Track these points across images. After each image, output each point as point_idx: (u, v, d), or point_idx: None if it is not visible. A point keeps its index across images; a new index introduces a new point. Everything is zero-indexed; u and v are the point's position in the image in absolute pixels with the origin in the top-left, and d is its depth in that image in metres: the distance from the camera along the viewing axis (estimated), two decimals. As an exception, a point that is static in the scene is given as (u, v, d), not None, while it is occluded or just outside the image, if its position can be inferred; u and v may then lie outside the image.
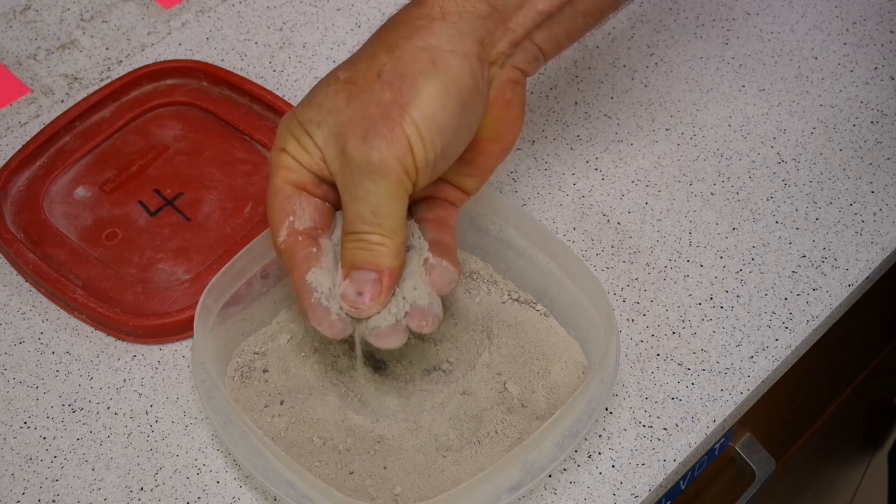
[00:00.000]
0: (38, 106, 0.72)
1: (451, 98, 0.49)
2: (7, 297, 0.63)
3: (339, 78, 0.51)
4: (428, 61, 0.49)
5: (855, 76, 0.73)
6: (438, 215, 0.55)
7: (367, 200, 0.49)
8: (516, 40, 0.51)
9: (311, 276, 0.51)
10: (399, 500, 0.54)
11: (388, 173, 0.48)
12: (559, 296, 0.59)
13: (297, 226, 0.52)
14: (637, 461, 0.57)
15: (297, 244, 0.52)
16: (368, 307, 0.51)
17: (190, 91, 0.70)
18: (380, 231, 0.50)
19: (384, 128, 0.48)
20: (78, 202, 0.65)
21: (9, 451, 0.58)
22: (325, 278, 0.51)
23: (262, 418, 0.56)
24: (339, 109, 0.50)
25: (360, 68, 0.50)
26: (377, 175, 0.49)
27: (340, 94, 0.50)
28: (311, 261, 0.52)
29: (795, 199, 0.67)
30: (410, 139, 0.48)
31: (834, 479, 1.23)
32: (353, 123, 0.49)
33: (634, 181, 0.68)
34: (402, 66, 0.49)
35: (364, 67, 0.50)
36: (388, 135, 0.48)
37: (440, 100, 0.49)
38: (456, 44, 0.49)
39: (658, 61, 0.74)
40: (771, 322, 0.62)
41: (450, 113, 0.49)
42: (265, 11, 0.77)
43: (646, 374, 0.60)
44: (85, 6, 0.77)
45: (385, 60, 0.50)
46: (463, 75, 0.49)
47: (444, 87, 0.49)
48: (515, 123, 0.53)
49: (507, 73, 0.52)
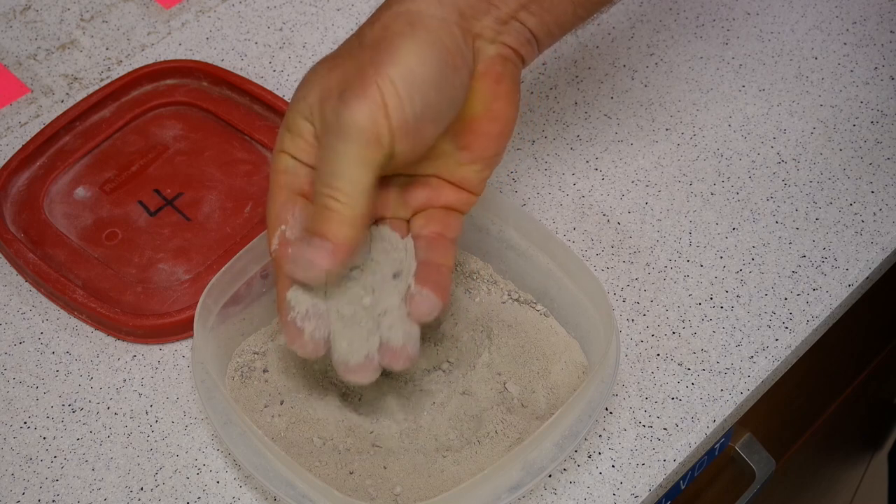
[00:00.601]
0: (38, 106, 0.72)
1: (430, 53, 0.49)
2: (7, 297, 0.63)
3: (327, 58, 0.51)
4: (406, 23, 0.49)
5: (855, 76, 0.73)
6: (434, 230, 0.54)
7: (332, 160, 0.48)
8: (502, 18, 0.51)
9: (291, 293, 0.51)
10: (399, 500, 0.54)
11: (357, 133, 0.48)
12: (559, 296, 0.59)
13: (288, 235, 0.51)
14: (637, 461, 0.57)
15: (286, 256, 0.51)
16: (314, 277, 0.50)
17: (190, 91, 0.70)
18: (337, 195, 0.48)
19: (359, 86, 0.48)
20: (78, 202, 0.65)
21: (9, 451, 0.58)
22: (304, 297, 0.51)
23: (262, 418, 0.56)
24: (323, 78, 0.50)
25: (345, 43, 0.51)
26: (345, 134, 0.48)
27: (325, 66, 0.51)
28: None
29: (795, 199, 0.67)
30: (385, 94, 0.48)
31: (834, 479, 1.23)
32: (333, 88, 0.49)
33: (634, 181, 0.68)
34: (381, 31, 0.49)
35: (348, 40, 0.51)
36: (362, 92, 0.48)
37: (418, 55, 0.48)
38: (435, 9, 0.49)
39: (658, 61, 0.74)
40: (771, 322, 0.62)
41: (428, 67, 0.48)
42: (265, 11, 0.77)
43: (646, 374, 0.60)
44: (85, 6, 0.77)
45: (367, 29, 0.50)
46: (441, 36, 0.49)
47: (422, 43, 0.49)
48: (509, 100, 0.53)
49: (497, 48, 0.52)
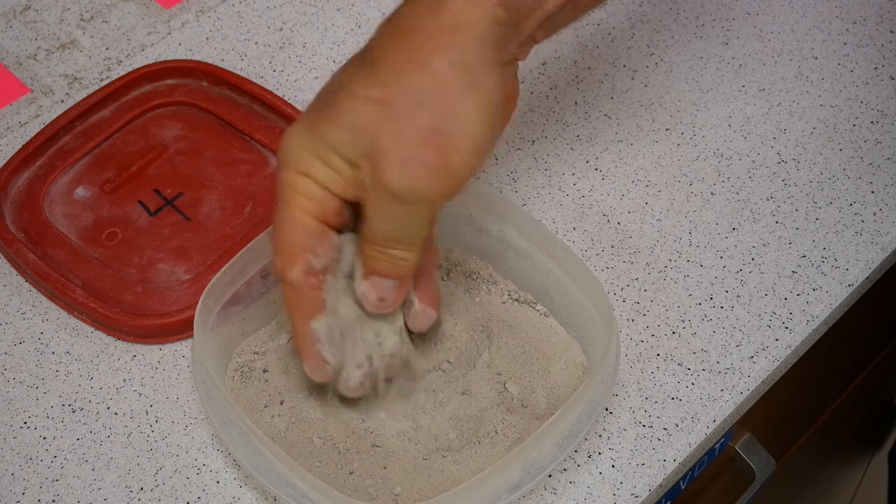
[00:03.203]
0: (38, 106, 0.72)
1: (490, 119, 0.48)
2: (7, 297, 0.63)
3: (368, 96, 0.48)
4: (465, 83, 0.47)
5: (855, 76, 0.73)
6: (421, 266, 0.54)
7: (398, 224, 0.49)
8: (523, 40, 0.50)
9: (316, 324, 0.52)
10: (399, 500, 0.54)
11: (427, 202, 0.48)
12: (559, 296, 0.59)
13: (315, 264, 0.51)
14: (637, 461, 0.57)
15: (309, 286, 0.51)
16: (387, 310, 0.53)
17: (190, 91, 0.70)
18: (405, 247, 0.50)
19: (427, 156, 0.47)
20: (78, 202, 0.65)
21: (9, 451, 0.58)
22: (325, 328, 0.53)
23: (262, 418, 0.56)
24: (373, 130, 0.47)
25: (388, 84, 0.48)
26: (414, 203, 0.48)
27: (371, 112, 0.47)
28: (318, 308, 0.52)
29: (795, 199, 0.67)
30: (455, 168, 0.47)
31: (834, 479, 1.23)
32: (390, 148, 0.47)
33: (634, 181, 0.68)
34: (438, 88, 0.47)
35: (393, 84, 0.48)
36: (431, 164, 0.47)
37: (481, 124, 0.48)
38: (483, 57, 0.48)
39: (658, 61, 0.74)
40: (771, 322, 0.62)
41: (489, 134, 0.48)
42: (265, 11, 0.77)
43: (646, 374, 0.60)
44: (85, 6, 0.77)
45: (417, 79, 0.47)
46: (494, 91, 0.48)
47: (484, 109, 0.48)
48: (508, 116, 0.53)
49: (513, 67, 0.51)
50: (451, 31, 0.48)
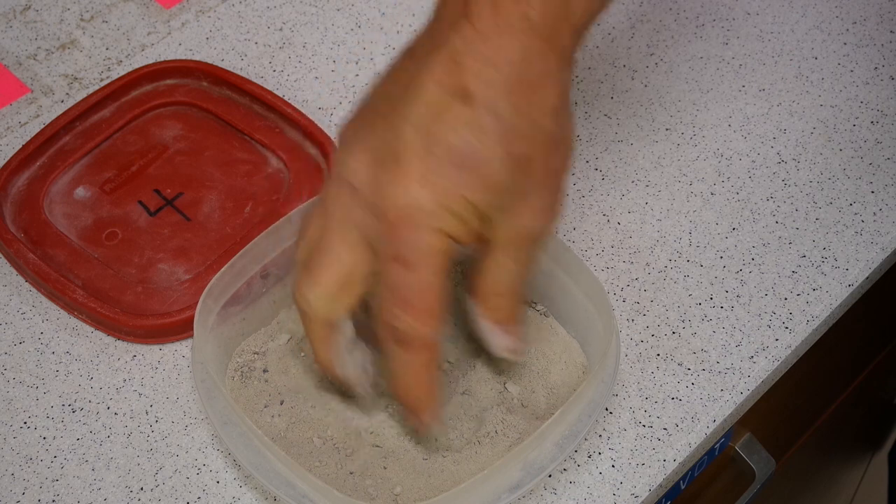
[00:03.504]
0: (38, 106, 0.72)
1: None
2: (7, 297, 0.63)
3: (505, 155, 0.47)
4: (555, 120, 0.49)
5: (855, 76, 0.73)
6: None
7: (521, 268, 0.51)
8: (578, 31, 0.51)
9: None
10: (399, 500, 0.54)
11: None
12: (559, 296, 0.59)
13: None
14: (637, 461, 0.57)
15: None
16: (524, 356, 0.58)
17: (190, 91, 0.70)
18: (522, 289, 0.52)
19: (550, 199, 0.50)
20: (78, 202, 0.65)
21: (9, 451, 0.58)
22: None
23: (262, 418, 0.56)
24: (510, 185, 0.47)
25: (525, 135, 0.47)
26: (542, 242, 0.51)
27: (505, 168, 0.47)
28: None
29: (795, 199, 0.67)
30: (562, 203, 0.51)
31: (834, 479, 1.23)
32: (529, 199, 0.49)
33: (634, 181, 0.68)
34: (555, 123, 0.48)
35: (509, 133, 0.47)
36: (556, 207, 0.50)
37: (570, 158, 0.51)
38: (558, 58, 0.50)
39: (658, 61, 0.74)
40: (771, 322, 0.62)
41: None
42: (265, 11, 0.77)
43: (646, 374, 0.60)
44: (85, 6, 0.77)
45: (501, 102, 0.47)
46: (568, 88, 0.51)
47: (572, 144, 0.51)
48: None
49: None
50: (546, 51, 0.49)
